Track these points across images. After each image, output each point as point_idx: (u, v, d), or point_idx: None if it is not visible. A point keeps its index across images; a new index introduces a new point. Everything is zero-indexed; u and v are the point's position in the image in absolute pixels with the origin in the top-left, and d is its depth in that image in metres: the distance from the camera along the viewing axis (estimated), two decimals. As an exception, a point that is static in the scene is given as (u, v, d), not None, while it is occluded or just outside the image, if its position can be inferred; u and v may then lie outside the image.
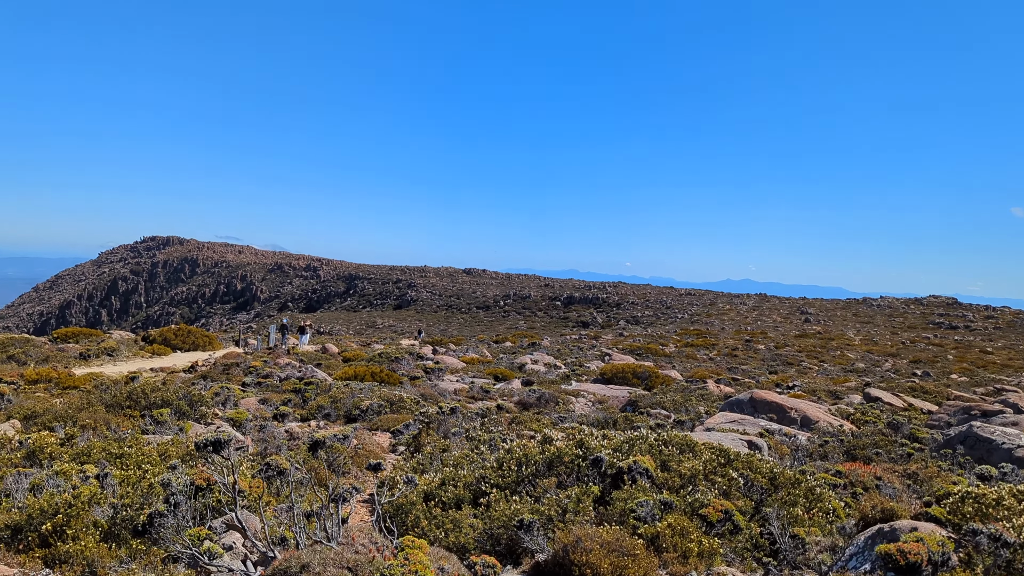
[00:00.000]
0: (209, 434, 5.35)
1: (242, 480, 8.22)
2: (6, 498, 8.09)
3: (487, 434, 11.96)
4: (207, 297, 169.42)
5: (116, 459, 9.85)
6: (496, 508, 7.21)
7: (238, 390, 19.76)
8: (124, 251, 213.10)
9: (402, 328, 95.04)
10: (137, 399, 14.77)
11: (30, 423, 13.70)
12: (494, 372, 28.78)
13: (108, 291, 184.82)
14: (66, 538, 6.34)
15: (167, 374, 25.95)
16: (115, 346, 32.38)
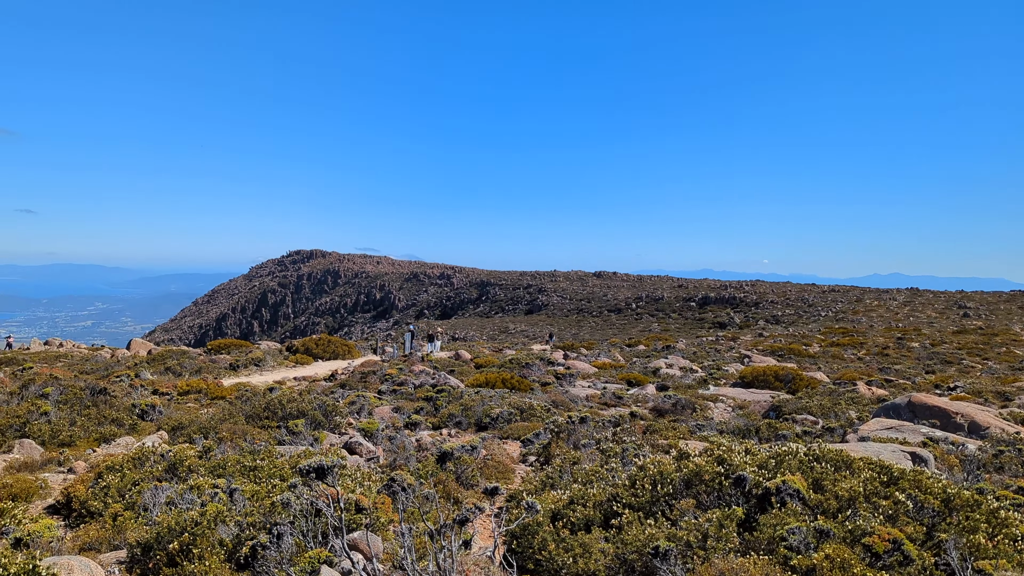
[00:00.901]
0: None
1: (367, 496, 8.03)
2: (144, 512, 8.26)
3: (619, 445, 11.35)
4: (348, 307, 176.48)
5: (249, 472, 9.96)
6: (629, 531, 6.64)
7: (373, 398, 20.01)
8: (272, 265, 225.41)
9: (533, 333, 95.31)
10: (274, 410, 15.11)
11: (176, 434, 14.25)
12: (627, 377, 27.99)
13: (259, 303, 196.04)
14: (192, 558, 6.29)
15: (309, 382, 26.80)
16: (262, 356, 33.87)
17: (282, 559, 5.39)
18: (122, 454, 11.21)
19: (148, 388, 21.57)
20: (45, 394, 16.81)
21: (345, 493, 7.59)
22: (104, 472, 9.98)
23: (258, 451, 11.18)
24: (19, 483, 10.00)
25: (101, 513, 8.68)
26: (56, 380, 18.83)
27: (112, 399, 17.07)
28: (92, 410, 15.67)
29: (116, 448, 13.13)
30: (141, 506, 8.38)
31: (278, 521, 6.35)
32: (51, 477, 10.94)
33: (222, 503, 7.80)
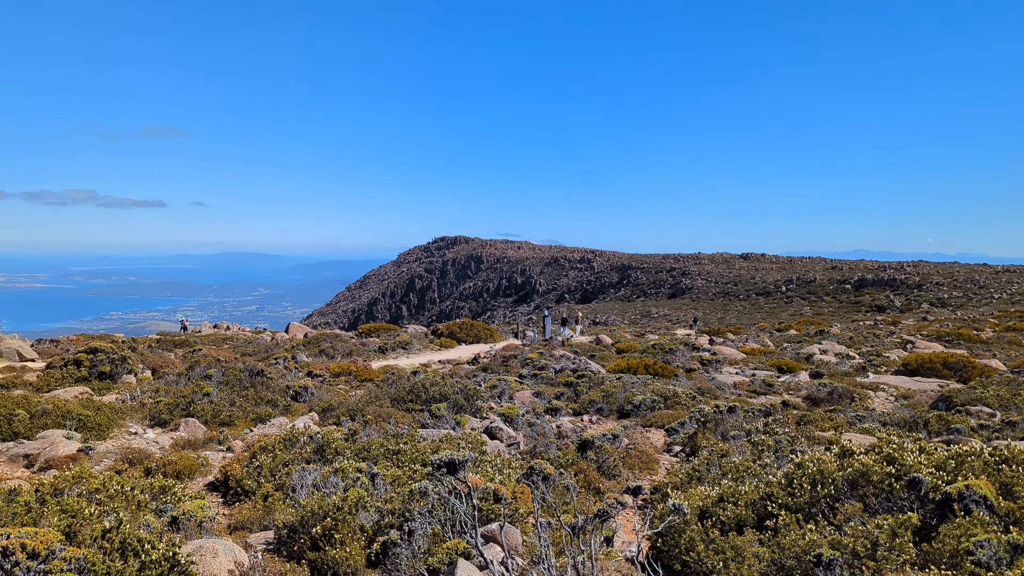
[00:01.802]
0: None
1: (506, 485, 7.85)
2: (292, 493, 8.47)
3: (771, 438, 10.64)
4: (491, 291, 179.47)
5: (392, 455, 10.05)
6: (786, 535, 6.09)
7: (514, 383, 20.00)
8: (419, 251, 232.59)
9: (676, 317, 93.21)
10: (418, 393, 15.33)
11: (326, 416, 14.72)
12: (777, 363, 26.65)
13: (406, 288, 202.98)
14: (334, 543, 6.31)
15: (453, 366, 27.24)
16: (408, 340, 34.81)
17: (414, 556, 5.26)
18: (275, 435, 11.64)
19: (303, 370, 22.56)
20: (209, 375, 17.85)
21: (483, 482, 7.43)
22: (258, 452, 10.37)
23: (401, 435, 11.30)
24: (183, 460, 10.55)
25: (254, 492, 8.99)
26: (219, 362, 19.99)
27: (268, 381, 17.91)
28: (250, 391, 16.48)
29: (271, 428, 13.70)
30: (289, 487, 8.59)
31: (416, 510, 6.25)
32: (211, 455, 11.51)
33: (364, 488, 7.85)
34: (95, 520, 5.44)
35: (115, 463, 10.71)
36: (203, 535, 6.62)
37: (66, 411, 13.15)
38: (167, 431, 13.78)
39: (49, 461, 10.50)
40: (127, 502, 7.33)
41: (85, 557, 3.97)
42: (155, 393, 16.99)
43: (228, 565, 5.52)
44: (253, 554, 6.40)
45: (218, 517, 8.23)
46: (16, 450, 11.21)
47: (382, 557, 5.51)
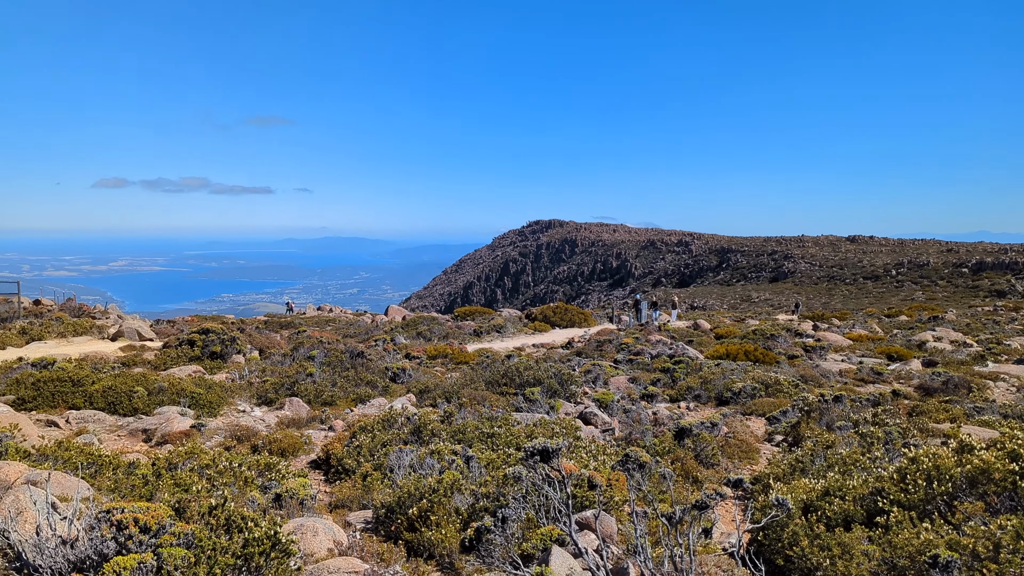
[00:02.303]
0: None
1: (601, 472, 7.77)
2: (390, 473, 8.63)
3: (880, 429, 10.15)
4: (585, 275, 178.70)
5: (487, 438, 10.12)
6: (898, 533, 5.78)
7: (609, 368, 19.84)
8: (513, 235, 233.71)
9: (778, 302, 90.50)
10: (512, 377, 15.39)
11: (423, 398, 14.96)
12: (886, 351, 25.46)
13: (501, 272, 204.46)
14: (430, 524, 6.38)
15: (547, 350, 27.26)
16: (503, 323, 35.04)
17: (507, 543, 5.25)
18: (374, 415, 11.91)
19: (401, 352, 23.02)
20: (312, 356, 18.44)
21: (577, 468, 7.37)
22: (358, 432, 10.63)
23: (495, 418, 11.36)
24: (287, 438, 10.93)
25: (354, 471, 9.22)
26: (321, 344, 20.62)
27: (368, 362, 18.35)
28: (351, 372, 16.92)
29: (370, 409, 14.03)
30: (387, 467, 8.76)
31: (510, 495, 6.25)
32: (314, 434, 11.87)
33: (459, 470, 7.92)
34: (204, 496, 5.67)
35: (224, 440, 11.19)
36: (304, 513, 6.82)
37: (180, 389, 13.83)
38: (273, 409, 14.31)
39: (165, 436, 11.06)
40: (235, 478, 7.63)
41: (192, 533, 4.12)
42: (262, 373, 17.68)
43: (328, 544, 5.66)
44: (352, 533, 6.54)
45: (319, 495, 8.47)
46: (136, 425, 11.87)
47: (476, 543, 5.53)
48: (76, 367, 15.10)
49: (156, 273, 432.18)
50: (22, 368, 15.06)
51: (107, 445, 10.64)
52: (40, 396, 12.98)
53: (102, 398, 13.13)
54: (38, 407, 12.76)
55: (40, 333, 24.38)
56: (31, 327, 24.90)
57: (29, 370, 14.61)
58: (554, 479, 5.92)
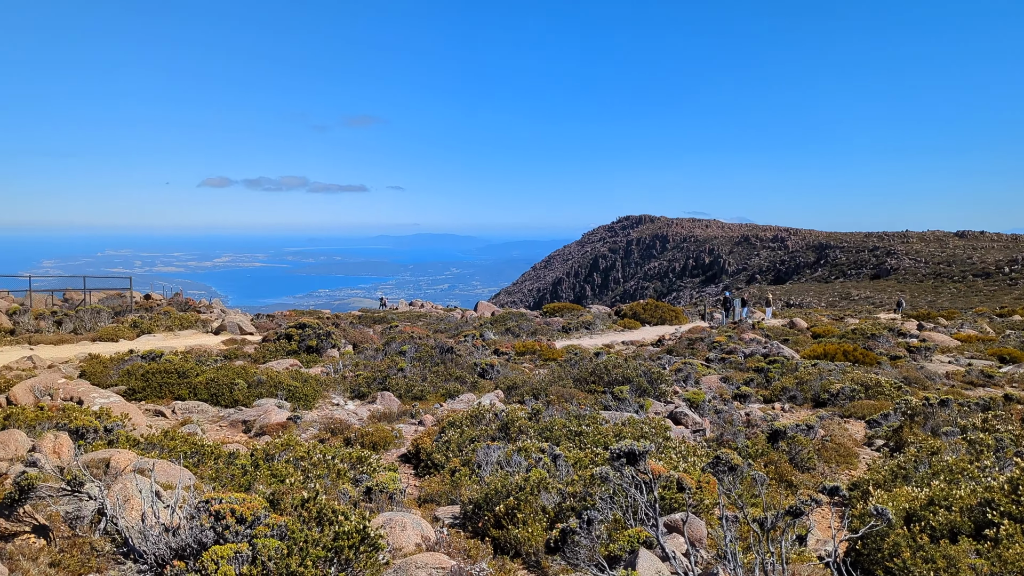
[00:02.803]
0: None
1: (691, 474, 7.62)
2: (477, 469, 8.70)
3: (991, 435, 9.58)
4: (676, 271, 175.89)
5: (574, 437, 10.07)
6: (1009, 548, 5.44)
7: (700, 366, 19.47)
8: (603, 231, 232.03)
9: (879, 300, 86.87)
10: (600, 375, 15.28)
11: (511, 394, 15.02)
12: (998, 352, 24.06)
13: (590, 268, 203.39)
14: (516, 522, 6.39)
15: (636, 347, 26.97)
16: (592, 320, 34.85)
17: (593, 544, 5.20)
18: (463, 411, 12.04)
19: (489, 348, 23.19)
20: (403, 351, 18.78)
21: (666, 470, 7.25)
22: (447, 427, 10.77)
23: (583, 416, 11.30)
24: (379, 432, 11.17)
25: (442, 466, 9.34)
26: (412, 339, 20.98)
27: (457, 357, 18.56)
28: (440, 367, 17.15)
29: (459, 404, 14.18)
30: (475, 463, 8.83)
31: (597, 495, 6.19)
32: (404, 428, 12.09)
33: (546, 468, 7.91)
34: (297, 488, 5.83)
35: (319, 432, 11.52)
36: (394, 507, 6.94)
37: (278, 382, 14.32)
38: (365, 403, 14.64)
39: (263, 427, 11.47)
40: (328, 470, 7.83)
41: (285, 525, 4.24)
42: (355, 367, 18.12)
43: (416, 539, 5.74)
44: (439, 528, 6.62)
45: (409, 489, 8.62)
46: (236, 416, 12.35)
47: (561, 543, 5.50)
48: (181, 360, 15.83)
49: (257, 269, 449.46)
50: (133, 360, 15.90)
51: (209, 435, 11.11)
52: (149, 387, 13.67)
53: (205, 390, 13.73)
54: (147, 397, 13.44)
55: (150, 326, 25.69)
56: (142, 321, 26.27)
57: (139, 362, 15.40)
58: (641, 481, 5.84)
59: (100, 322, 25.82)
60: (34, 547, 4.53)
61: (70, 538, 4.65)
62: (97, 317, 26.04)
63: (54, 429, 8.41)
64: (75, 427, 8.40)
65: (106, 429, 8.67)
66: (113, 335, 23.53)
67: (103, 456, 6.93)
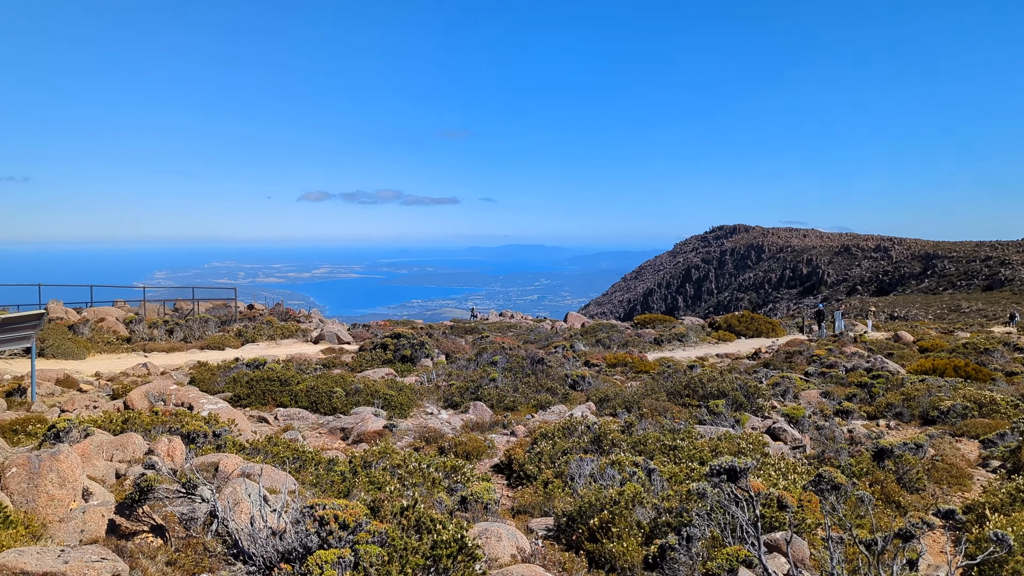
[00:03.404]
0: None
1: (791, 492, 7.39)
2: (570, 481, 8.67)
3: (1124, 460, 8.93)
4: (772, 282, 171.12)
5: (668, 451, 9.92)
6: None
7: (799, 380, 18.88)
8: (695, 241, 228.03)
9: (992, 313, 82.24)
10: (695, 388, 15.00)
11: (603, 406, 14.92)
12: None
13: (683, 279, 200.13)
14: (611, 536, 6.34)
15: (731, 360, 26.38)
16: (684, 332, 34.28)
17: (692, 562, 5.10)
18: (554, 422, 12.03)
19: (580, 359, 23.12)
20: (494, 362, 18.92)
21: (766, 487, 7.06)
22: (539, 438, 10.78)
23: (678, 430, 11.12)
24: (472, 442, 11.28)
25: (534, 477, 9.35)
26: (503, 349, 21.12)
27: (548, 368, 18.58)
28: (531, 378, 17.20)
29: (550, 415, 14.18)
30: (568, 475, 8.81)
31: (694, 511, 6.08)
32: (496, 438, 12.17)
33: (640, 482, 7.82)
34: (396, 495, 5.96)
35: (414, 440, 11.73)
36: (488, 517, 6.99)
37: (374, 390, 14.66)
38: (458, 412, 14.82)
39: (360, 435, 11.76)
40: (423, 479, 7.97)
41: (386, 532, 4.34)
42: (448, 376, 18.37)
43: (511, 549, 5.76)
44: (534, 540, 6.63)
45: (502, 499, 8.66)
46: (335, 423, 12.70)
47: (659, 560, 5.42)
48: (283, 368, 16.42)
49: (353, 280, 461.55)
50: (238, 368, 16.57)
51: (309, 442, 11.46)
52: (253, 394, 14.23)
53: (305, 397, 14.19)
54: (251, 404, 13.99)
55: (253, 335, 26.75)
56: (245, 330, 27.38)
57: (244, 370, 16.04)
58: (741, 498, 5.70)
59: (207, 331, 27.05)
60: (152, 546, 4.77)
61: (184, 538, 4.89)
62: (205, 326, 27.30)
63: (167, 433, 8.85)
64: (186, 431, 8.81)
65: (215, 434, 9.07)
66: (219, 343, 24.60)
67: (212, 460, 7.25)
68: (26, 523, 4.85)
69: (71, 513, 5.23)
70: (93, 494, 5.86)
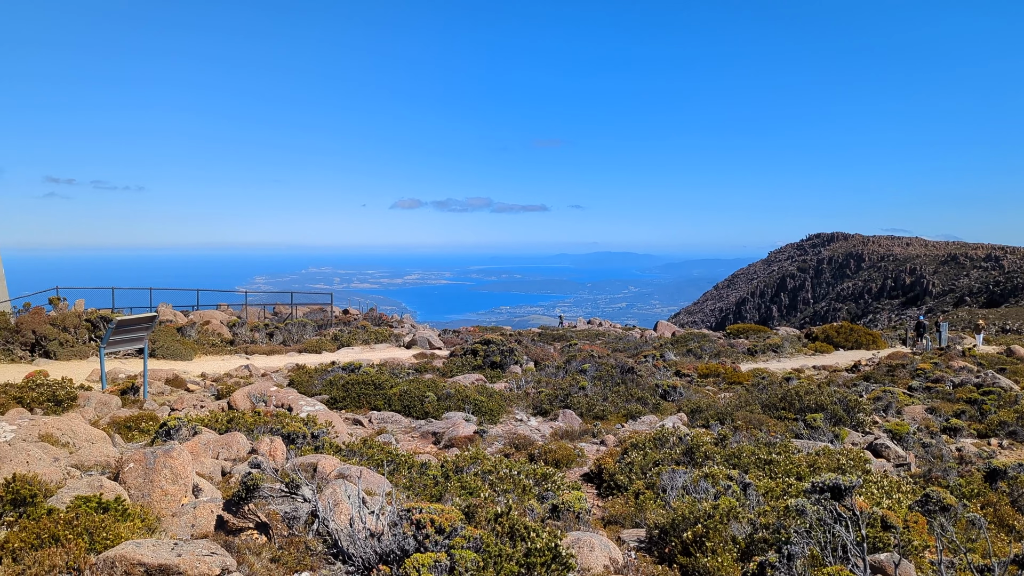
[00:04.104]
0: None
1: (896, 512, 7.10)
2: (662, 493, 8.56)
3: None
4: (873, 292, 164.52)
5: (764, 465, 9.67)
6: None
7: (902, 395, 18.09)
8: (791, 249, 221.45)
9: (1120, 326, 76.78)
10: (791, 401, 14.58)
11: (694, 417, 14.67)
12: None
13: (777, 288, 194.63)
14: (705, 550, 6.23)
15: (829, 372, 25.52)
16: (779, 342, 33.36)
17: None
18: (645, 432, 11.90)
19: (670, 369, 22.80)
20: (583, 370, 18.86)
21: (868, 506, 6.79)
22: (629, 448, 10.68)
23: (773, 444, 10.83)
24: (561, 450, 11.27)
25: (625, 488, 9.27)
26: (592, 357, 21.03)
27: (638, 378, 18.40)
28: (621, 387, 17.06)
29: (640, 425, 14.04)
30: (659, 487, 8.69)
31: (792, 528, 5.91)
32: (586, 447, 12.12)
33: (735, 496, 7.65)
34: (490, 502, 6.01)
35: (503, 447, 11.80)
36: (580, 526, 6.97)
37: (465, 396, 14.84)
38: (547, 420, 14.84)
39: (451, 440, 11.92)
40: (514, 485, 8.01)
41: (480, 538, 4.39)
42: (537, 383, 18.42)
43: (603, 560, 5.73)
44: (627, 552, 6.57)
45: (593, 509, 8.62)
46: (426, 427, 12.92)
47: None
48: (377, 372, 16.80)
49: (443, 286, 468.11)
50: (334, 371, 17.06)
51: (402, 445, 11.69)
52: (348, 397, 14.62)
53: (398, 401, 14.48)
54: (346, 407, 14.37)
55: (348, 339, 27.49)
56: (341, 334, 28.17)
57: (340, 373, 16.51)
58: (845, 516, 5.51)
59: (305, 335, 27.96)
60: (257, 543, 4.97)
61: (287, 537, 5.07)
62: (303, 330, 28.23)
63: (269, 433, 9.20)
64: (286, 432, 9.13)
65: (313, 435, 9.36)
66: (316, 347, 25.38)
67: (311, 460, 7.49)
68: (142, 516, 5.13)
69: (182, 508, 5.50)
70: (202, 490, 6.15)
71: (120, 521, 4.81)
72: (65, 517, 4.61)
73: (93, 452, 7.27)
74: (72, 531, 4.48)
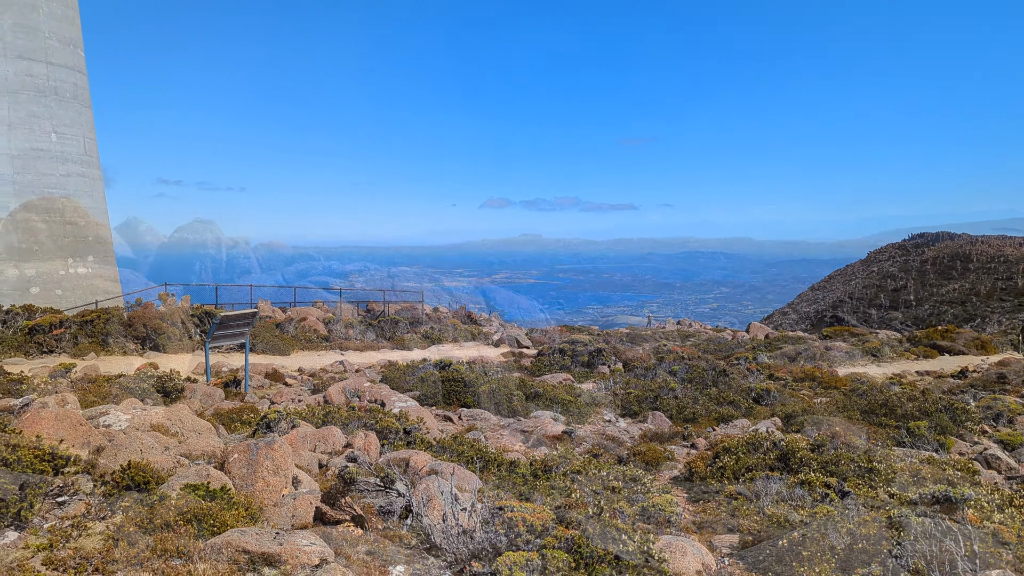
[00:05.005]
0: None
1: (1010, 527, 6.73)
2: (755, 499, 8.35)
3: None
4: (981, 295, 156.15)
5: (864, 474, 9.32)
6: None
7: (1015, 404, 17.10)
8: (892, 250, 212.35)
9: None
10: (892, 407, 14.00)
11: (789, 422, 14.26)
12: None
13: (876, 289, 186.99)
14: (802, 560, 6.06)
15: (933, 378, 24.41)
16: (879, 346, 32.08)
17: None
18: (737, 436, 11.64)
19: (763, 372, 22.23)
20: (673, 372, 18.60)
21: (979, 520, 6.47)
22: (721, 452, 10.46)
23: (873, 452, 10.42)
24: (651, 452, 11.14)
25: (717, 492, 9.09)
26: (682, 359, 20.70)
27: (730, 380, 18.01)
28: (712, 390, 16.74)
29: (732, 429, 13.73)
30: (752, 493, 8.49)
31: (895, 540, 5.68)
32: (676, 449, 11.95)
33: (833, 505, 7.40)
34: (581, 503, 6.01)
35: (592, 447, 11.75)
36: (671, 530, 6.89)
37: (553, 395, 14.86)
38: (636, 422, 14.70)
39: (540, 439, 11.95)
40: (603, 487, 7.97)
41: (572, 538, 4.39)
42: (625, 384, 18.26)
43: (696, 566, 5.65)
44: (719, 558, 6.45)
45: (683, 513, 8.50)
46: (515, 425, 13.00)
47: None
48: (467, 369, 17.00)
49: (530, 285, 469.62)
50: (425, 368, 17.35)
51: (491, 442, 11.79)
52: (439, 393, 14.85)
53: (487, 399, 14.62)
54: (437, 403, 14.60)
55: (438, 337, 27.92)
56: (431, 331, 28.64)
57: (431, 370, 16.78)
58: (955, 531, 5.26)
59: (397, 331, 28.54)
60: (353, 535, 5.11)
61: (382, 530, 5.19)
62: (394, 327, 28.82)
63: (363, 428, 9.43)
64: (380, 427, 9.35)
65: (405, 431, 9.55)
66: (407, 344, 25.89)
67: (403, 456, 7.64)
68: (246, 505, 5.35)
69: (283, 499, 5.70)
70: (301, 482, 6.36)
71: (226, 510, 5.02)
72: (176, 504, 4.86)
73: (200, 442, 7.62)
74: (182, 518, 4.71)
